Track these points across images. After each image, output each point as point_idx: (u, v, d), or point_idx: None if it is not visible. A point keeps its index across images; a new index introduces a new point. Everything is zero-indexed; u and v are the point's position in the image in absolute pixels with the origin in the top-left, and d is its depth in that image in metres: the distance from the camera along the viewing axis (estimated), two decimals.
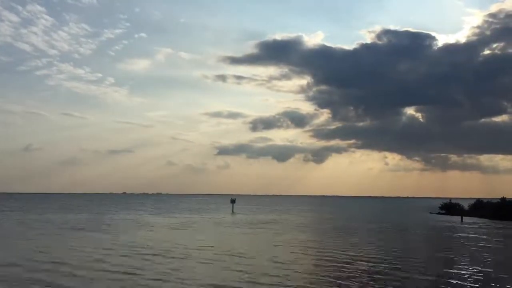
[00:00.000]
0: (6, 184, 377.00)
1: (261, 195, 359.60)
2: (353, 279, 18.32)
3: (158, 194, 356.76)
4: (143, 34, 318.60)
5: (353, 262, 22.82)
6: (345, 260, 23.27)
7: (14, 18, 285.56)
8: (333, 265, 21.81)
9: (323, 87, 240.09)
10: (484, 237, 39.30)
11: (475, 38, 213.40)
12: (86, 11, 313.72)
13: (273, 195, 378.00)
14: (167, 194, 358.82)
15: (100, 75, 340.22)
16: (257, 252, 26.29)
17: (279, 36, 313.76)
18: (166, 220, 56.46)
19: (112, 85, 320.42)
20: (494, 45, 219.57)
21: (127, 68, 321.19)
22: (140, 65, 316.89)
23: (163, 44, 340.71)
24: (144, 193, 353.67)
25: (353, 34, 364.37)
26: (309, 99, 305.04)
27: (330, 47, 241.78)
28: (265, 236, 36.58)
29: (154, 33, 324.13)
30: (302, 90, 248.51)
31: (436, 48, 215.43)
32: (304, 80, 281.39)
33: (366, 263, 22.56)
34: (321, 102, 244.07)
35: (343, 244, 30.74)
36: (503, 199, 69.79)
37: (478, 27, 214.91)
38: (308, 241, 33.01)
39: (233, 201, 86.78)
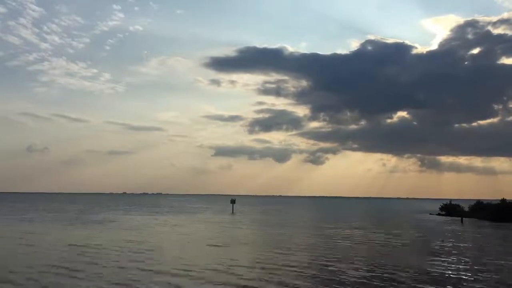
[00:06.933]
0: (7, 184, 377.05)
1: (260, 196, 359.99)
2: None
3: (158, 194, 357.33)
4: (138, 27, 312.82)
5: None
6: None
7: (1, 9, 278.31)
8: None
9: (319, 91, 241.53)
10: (484, 239, 39.23)
11: (457, 43, 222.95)
12: (77, 2, 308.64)
13: (272, 195, 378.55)
14: (167, 194, 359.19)
15: (95, 70, 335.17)
16: None
17: (267, 45, 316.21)
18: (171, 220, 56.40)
19: (108, 82, 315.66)
20: (478, 50, 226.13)
21: (123, 65, 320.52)
22: (136, 66, 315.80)
23: (159, 48, 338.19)
24: (144, 193, 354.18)
25: (339, 44, 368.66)
26: (306, 102, 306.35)
27: (326, 53, 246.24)
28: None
29: (150, 27, 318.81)
30: (299, 93, 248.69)
31: (425, 53, 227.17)
32: (300, 84, 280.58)
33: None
34: (317, 105, 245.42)
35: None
36: (503, 200, 69.65)
37: (461, 32, 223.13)
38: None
39: (233, 202, 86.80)
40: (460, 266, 22.44)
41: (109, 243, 29.77)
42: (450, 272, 20.52)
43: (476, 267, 22.19)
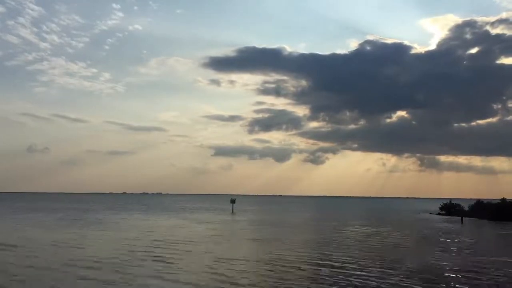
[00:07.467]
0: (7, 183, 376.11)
1: (260, 196, 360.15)
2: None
3: (158, 193, 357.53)
4: (137, 26, 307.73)
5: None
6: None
7: (0, 8, 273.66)
8: None
9: (319, 91, 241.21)
10: (484, 238, 39.33)
11: (456, 43, 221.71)
12: (76, 1, 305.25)
13: (273, 195, 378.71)
14: (167, 194, 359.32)
15: (95, 70, 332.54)
16: None
17: (267, 45, 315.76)
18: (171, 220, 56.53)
19: (108, 82, 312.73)
20: (476, 50, 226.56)
21: (123, 64, 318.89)
22: (136, 66, 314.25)
23: (158, 48, 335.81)
24: (144, 193, 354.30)
25: (338, 44, 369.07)
26: (305, 102, 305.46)
27: (325, 53, 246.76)
28: None
29: (150, 26, 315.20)
30: (298, 93, 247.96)
31: (423, 53, 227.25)
32: (300, 84, 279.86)
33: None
34: (317, 105, 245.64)
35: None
36: (503, 200, 69.72)
37: (459, 32, 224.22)
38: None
39: (233, 201, 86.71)
40: (461, 263, 22.74)
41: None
42: (452, 268, 20.87)
43: (476, 265, 22.43)
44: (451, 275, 19.92)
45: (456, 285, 17.77)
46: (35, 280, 17.47)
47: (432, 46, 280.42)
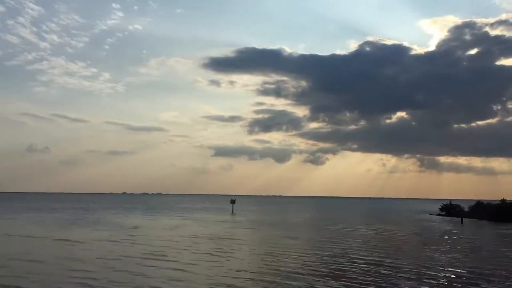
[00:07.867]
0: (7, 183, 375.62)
1: (260, 196, 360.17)
2: None
3: (158, 194, 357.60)
4: (138, 26, 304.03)
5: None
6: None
7: (0, 8, 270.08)
8: None
9: (319, 91, 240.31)
10: (484, 238, 39.51)
11: (455, 44, 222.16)
12: (76, 0, 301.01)
13: (273, 195, 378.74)
14: (167, 194, 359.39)
15: (94, 70, 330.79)
16: None
17: (266, 45, 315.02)
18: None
19: (108, 82, 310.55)
20: (475, 51, 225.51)
21: (123, 64, 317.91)
22: (136, 66, 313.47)
23: (158, 48, 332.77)
24: (144, 193, 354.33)
25: (338, 45, 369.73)
26: (305, 102, 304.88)
27: (324, 54, 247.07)
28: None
29: (149, 26, 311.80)
30: (298, 94, 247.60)
31: (423, 53, 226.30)
32: (300, 85, 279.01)
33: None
34: (317, 105, 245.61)
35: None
36: (503, 200, 69.86)
37: (458, 33, 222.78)
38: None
39: (233, 202, 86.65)
40: (463, 263, 22.94)
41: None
42: (453, 267, 21.15)
43: (477, 264, 22.62)
44: (453, 273, 20.17)
45: (457, 284, 17.97)
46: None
47: (432, 47, 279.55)
